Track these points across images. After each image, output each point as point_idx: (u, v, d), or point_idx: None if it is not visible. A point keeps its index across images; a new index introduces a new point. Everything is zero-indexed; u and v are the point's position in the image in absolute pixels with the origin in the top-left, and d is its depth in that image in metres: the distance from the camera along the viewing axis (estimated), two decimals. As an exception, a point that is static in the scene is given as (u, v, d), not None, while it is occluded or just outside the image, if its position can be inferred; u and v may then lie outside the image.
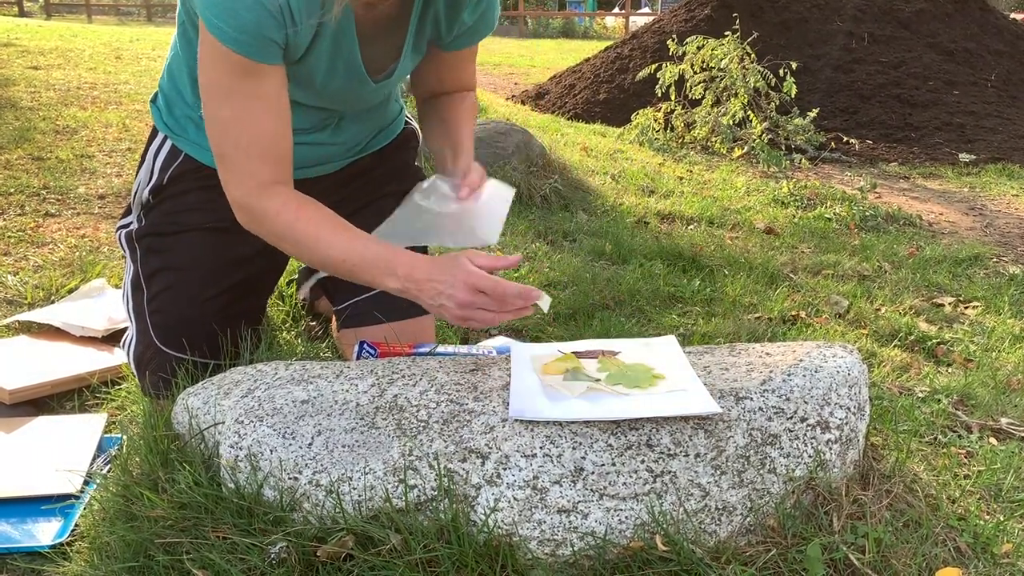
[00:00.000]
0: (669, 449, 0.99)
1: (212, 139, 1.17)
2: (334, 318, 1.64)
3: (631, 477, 0.97)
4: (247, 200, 1.17)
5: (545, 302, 1.11)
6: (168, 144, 1.44)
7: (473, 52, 1.38)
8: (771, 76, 4.56)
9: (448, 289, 1.09)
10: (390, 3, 1.17)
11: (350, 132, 1.46)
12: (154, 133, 1.48)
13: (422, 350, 1.38)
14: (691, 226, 3.10)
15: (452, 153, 1.30)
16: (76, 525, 1.12)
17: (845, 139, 4.99)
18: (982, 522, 1.15)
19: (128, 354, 1.47)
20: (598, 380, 1.11)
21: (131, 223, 1.49)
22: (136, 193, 1.48)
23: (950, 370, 1.87)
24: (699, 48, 4.76)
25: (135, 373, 1.47)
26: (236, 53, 1.08)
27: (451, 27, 1.27)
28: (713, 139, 4.76)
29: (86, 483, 1.20)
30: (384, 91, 1.35)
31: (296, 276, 1.98)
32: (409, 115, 1.66)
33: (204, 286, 1.41)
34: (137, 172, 1.49)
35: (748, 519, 1.00)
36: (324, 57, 1.19)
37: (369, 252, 1.15)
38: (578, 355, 1.20)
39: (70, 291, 2.00)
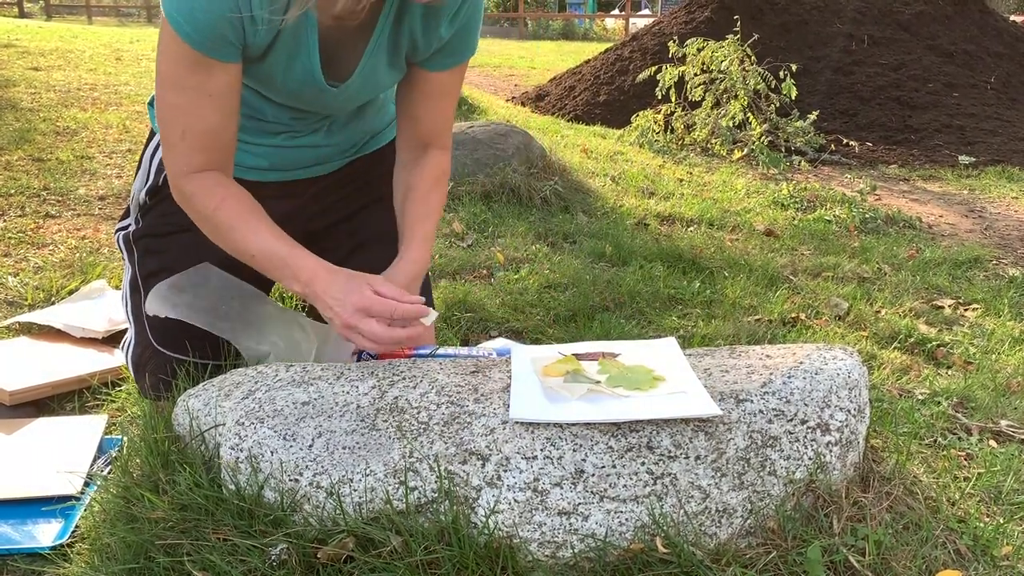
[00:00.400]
0: (669, 451, 0.99)
1: (158, 120, 1.20)
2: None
3: (631, 479, 0.97)
4: (179, 180, 1.21)
5: (430, 317, 1.18)
6: None
7: (453, 84, 1.33)
8: (771, 78, 4.57)
9: (337, 307, 1.15)
10: (360, 14, 1.15)
11: (343, 135, 1.46)
12: (151, 134, 1.48)
13: (422, 352, 1.38)
14: (691, 228, 3.10)
15: (403, 246, 1.31)
16: (77, 526, 1.12)
17: (845, 141, 5.00)
18: (982, 524, 1.15)
19: (127, 357, 1.47)
20: (598, 382, 1.11)
21: (129, 225, 1.49)
22: (134, 195, 1.48)
23: (950, 372, 1.87)
24: (699, 50, 4.77)
25: (133, 376, 1.47)
26: (189, 46, 1.10)
27: (428, 40, 1.24)
28: (713, 141, 4.77)
29: (86, 484, 1.20)
30: (347, 97, 1.31)
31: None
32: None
33: None
34: (136, 174, 1.49)
35: (748, 521, 1.00)
36: (283, 56, 1.19)
37: (277, 253, 1.19)
38: (578, 357, 1.20)
39: (70, 292, 2.00)
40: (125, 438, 1.24)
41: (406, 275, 1.26)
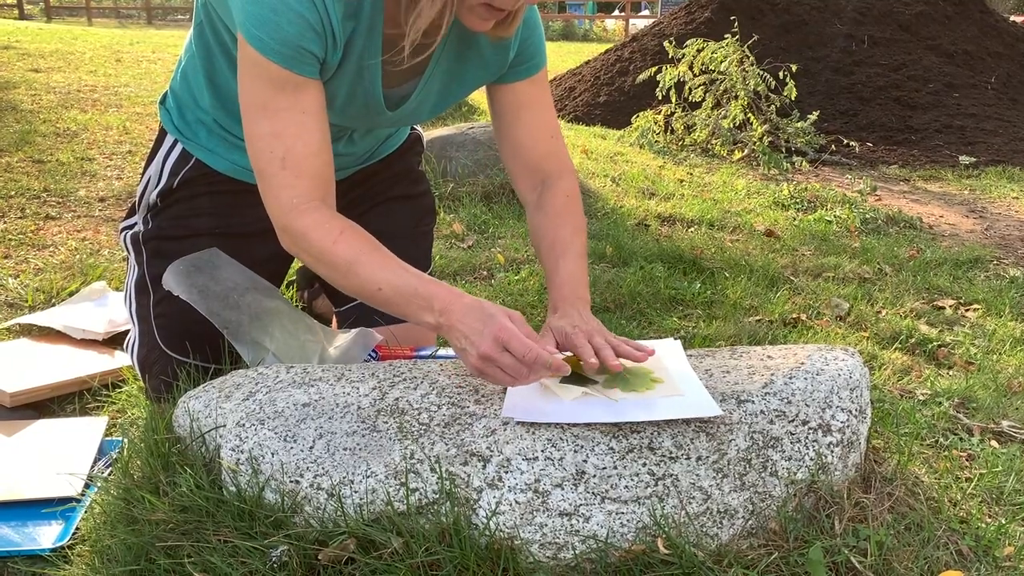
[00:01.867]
0: (671, 452, 0.99)
1: (252, 157, 1.13)
2: (334, 319, 1.64)
3: (633, 480, 0.97)
4: (286, 219, 1.13)
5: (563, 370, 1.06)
6: (179, 148, 1.44)
7: (539, 94, 1.31)
8: (771, 79, 4.57)
9: (475, 336, 1.02)
10: (443, 29, 1.11)
11: (362, 144, 1.46)
12: (163, 134, 1.48)
13: (423, 353, 1.38)
14: (692, 229, 3.10)
15: (550, 294, 1.24)
16: (77, 528, 1.12)
17: (845, 141, 4.99)
18: (984, 525, 1.15)
19: (132, 357, 1.47)
20: (596, 382, 1.11)
21: (136, 224, 1.49)
22: (143, 195, 1.47)
23: (951, 373, 1.87)
24: (699, 51, 4.77)
25: (139, 375, 1.46)
26: (276, 65, 1.07)
27: (502, 59, 1.25)
28: (713, 142, 4.77)
29: (87, 486, 1.20)
30: (398, 119, 1.31)
31: (295, 277, 1.99)
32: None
33: None
34: (143, 172, 1.49)
35: (750, 522, 1.00)
36: (346, 82, 1.18)
37: (408, 283, 1.08)
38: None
39: (71, 294, 2.00)
40: (126, 440, 1.24)
41: (561, 304, 1.19)
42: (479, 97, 5.90)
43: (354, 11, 1.10)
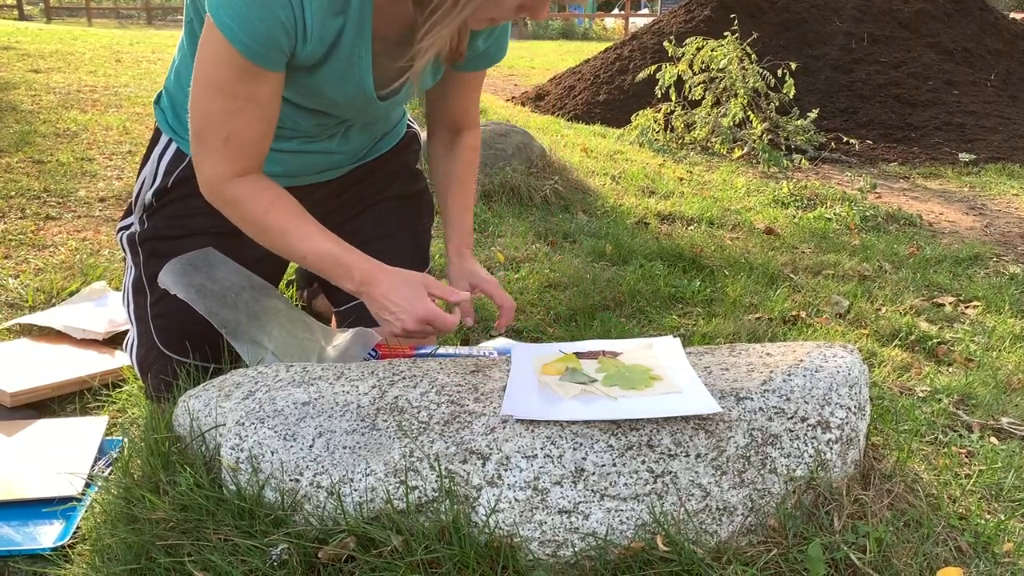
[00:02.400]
0: (670, 449, 0.99)
1: (194, 121, 1.17)
2: (334, 318, 1.64)
3: (632, 478, 0.97)
4: (220, 185, 1.20)
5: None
6: (173, 147, 1.44)
7: (480, 79, 1.45)
8: (770, 77, 4.57)
9: (401, 313, 1.19)
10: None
11: (357, 141, 1.46)
12: (158, 134, 1.48)
13: (423, 352, 1.38)
14: (691, 227, 3.10)
15: (452, 233, 1.44)
16: (78, 527, 1.12)
17: (845, 139, 4.99)
18: (983, 521, 1.15)
19: (131, 356, 1.47)
20: (595, 380, 1.11)
21: (132, 224, 1.49)
22: (139, 194, 1.47)
23: (951, 370, 1.87)
24: (698, 49, 4.77)
25: (138, 375, 1.47)
26: (241, 55, 1.08)
27: (470, 52, 1.31)
28: (713, 140, 4.77)
29: (87, 486, 1.20)
30: (390, 108, 1.37)
31: (294, 276, 1.99)
32: (411, 119, 1.66)
33: None
34: (139, 172, 1.49)
35: (749, 519, 1.00)
36: (336, 73, 1.20)
37: (328, 254, 1.21)
38: (579, 355, 1.20)
39: (71, 294, 2.00)
40: (126, 439, 1.24)
41: (466, 249, 1.42)
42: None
43: (341, 7, 1.11)
